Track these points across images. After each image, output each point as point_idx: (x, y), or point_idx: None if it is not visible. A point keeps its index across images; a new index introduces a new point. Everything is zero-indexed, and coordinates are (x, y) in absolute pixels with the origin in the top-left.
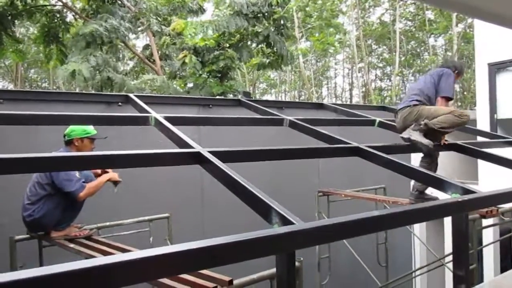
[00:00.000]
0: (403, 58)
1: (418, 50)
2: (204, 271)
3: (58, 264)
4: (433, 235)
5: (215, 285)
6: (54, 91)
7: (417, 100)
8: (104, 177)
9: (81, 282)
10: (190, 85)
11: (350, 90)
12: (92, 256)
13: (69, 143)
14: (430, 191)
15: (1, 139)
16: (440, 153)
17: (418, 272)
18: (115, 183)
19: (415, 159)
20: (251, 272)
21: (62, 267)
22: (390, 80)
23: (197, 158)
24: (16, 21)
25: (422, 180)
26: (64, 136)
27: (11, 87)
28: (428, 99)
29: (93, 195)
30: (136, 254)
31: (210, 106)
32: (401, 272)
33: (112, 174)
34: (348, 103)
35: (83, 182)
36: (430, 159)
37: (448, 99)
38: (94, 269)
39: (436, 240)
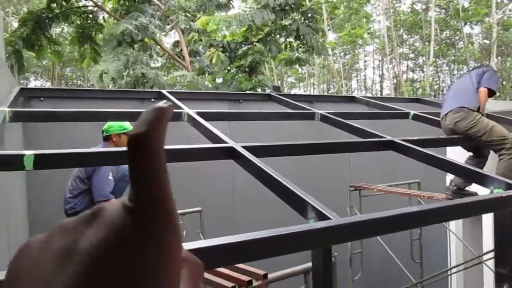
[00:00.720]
0: (436, 48)
1: (453, 39)
2: (239, 265)
3: None
4: (470, 231)
5: (250, 278)
6: (90, 88)
7: (473, 104)
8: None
9: None
10: (219, 80)
11: (381, 82)
12: None
13: (107, 138)
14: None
15: (41, 135)
16: None
17: (454, 270)
18: None
19: (451, 153)
20: (281, 267)
21: None
22: (423, 71)
23: (230, 153)
24: (53, 23)
25: (461, 174)
26: (103, 132)
27: (48, 85)
28: (477, 97)
29: None
30: None
31: (240, 101)
32: (436, 269)
33: None
34: (379, 95)
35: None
36: (480, 159)
37: (491, 92)
38: None
39: (473, 236)
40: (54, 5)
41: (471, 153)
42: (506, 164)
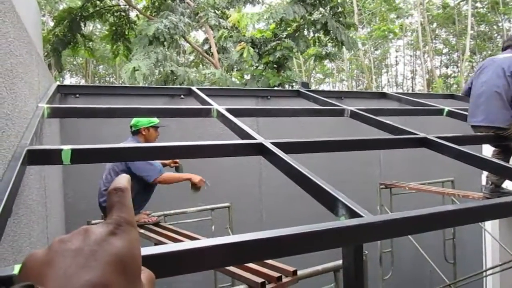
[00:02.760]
0: (472, 43)
1: (490, 33)
2: (268, 260)
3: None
4: (508, 231)
5: (279, 274)
6: (123, 85)
7: (505, 122)
8: (187, 176)
9: (153, 267)
10: (247, 77)
11: (412, 78)
12: (161, 242)
13: (136, 132)
14: (505, 184)
15: (76, 130)
16: None
17: (489, 271)
18: (196, 187)
19: (487, 150)
20: (310, 264)
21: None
22: (457, 66)
23: (259, 149)
24: (88, 22)
25: (498, 172)
26: (131, 127)
27: (83, 82)
28: (510, 102)
29: (166, 183)
30: (206, 242)
31: (269, 97)
32: (471, 270)
33: (194, 177)
34: (411, 91)
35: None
36: (505, 154)
37: None
38: (167, 254)
39: (510, 236)
40: (89, 4)
41: (495, 148)
42: None
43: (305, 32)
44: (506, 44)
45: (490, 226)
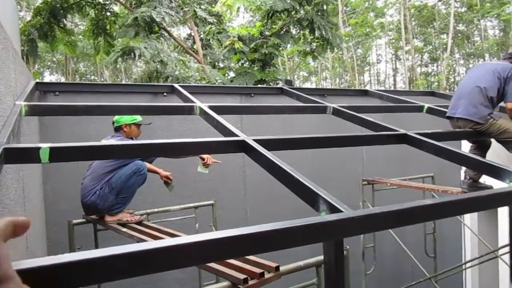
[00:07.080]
0: (451, 42)
1: (468, 32)
2: (251, 257)
3: (115, 246)
4: (486, 225)
5: (262, 270)
6: (104, 83)
7: (485, 117)
8: (156, 169)
9: (134, 264)
10: (232, 74)
11: (394, 75)
12: (144, 240)
13: (118, 128)
14: (483, 179)
15: (56, 128)
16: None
17: (469, 264)
18: (168, 184)
19: (465, 146)
20: (293, 259)
21: (119, 249)
22: (437, 65)
23: (242, 146)
24: (67, 14)
25: (476, 167)
26: (113, 123)
27: (63, 79)
28: (491, 101)
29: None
30: (187, 238)
31: (252, 95)
32: (451, 263)
33: (161, 172)
34: (392, 89)
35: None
36: (482, 150)
37: None
38: (148, 252)
39: (489, 230)
40: None
41: (472, 144)
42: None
43: (292, 30)
44: (505, 57)
45: (469, 221)
